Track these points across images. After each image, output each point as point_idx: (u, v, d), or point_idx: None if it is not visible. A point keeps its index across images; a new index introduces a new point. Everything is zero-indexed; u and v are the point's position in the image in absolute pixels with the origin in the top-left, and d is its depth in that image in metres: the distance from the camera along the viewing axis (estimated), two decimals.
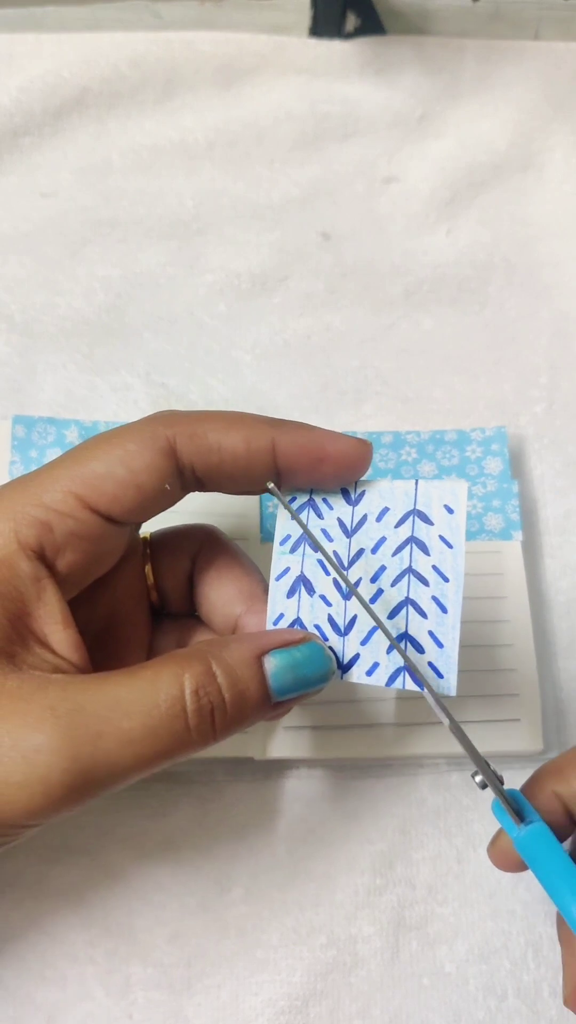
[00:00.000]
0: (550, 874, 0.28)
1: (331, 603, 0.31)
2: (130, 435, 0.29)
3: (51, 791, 0.25)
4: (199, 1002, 0.35)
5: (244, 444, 0.29)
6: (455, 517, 0.30)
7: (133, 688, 0.27)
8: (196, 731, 0.27)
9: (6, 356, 0.47)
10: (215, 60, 0.53)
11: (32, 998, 0.35)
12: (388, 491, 0.31)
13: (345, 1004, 0.35)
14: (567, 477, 0.45)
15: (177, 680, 0.27)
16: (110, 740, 0.26)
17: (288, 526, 0.32)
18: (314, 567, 0.31)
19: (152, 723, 0.26)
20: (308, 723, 0.38)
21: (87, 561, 0.29)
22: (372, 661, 0.30)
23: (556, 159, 0.53)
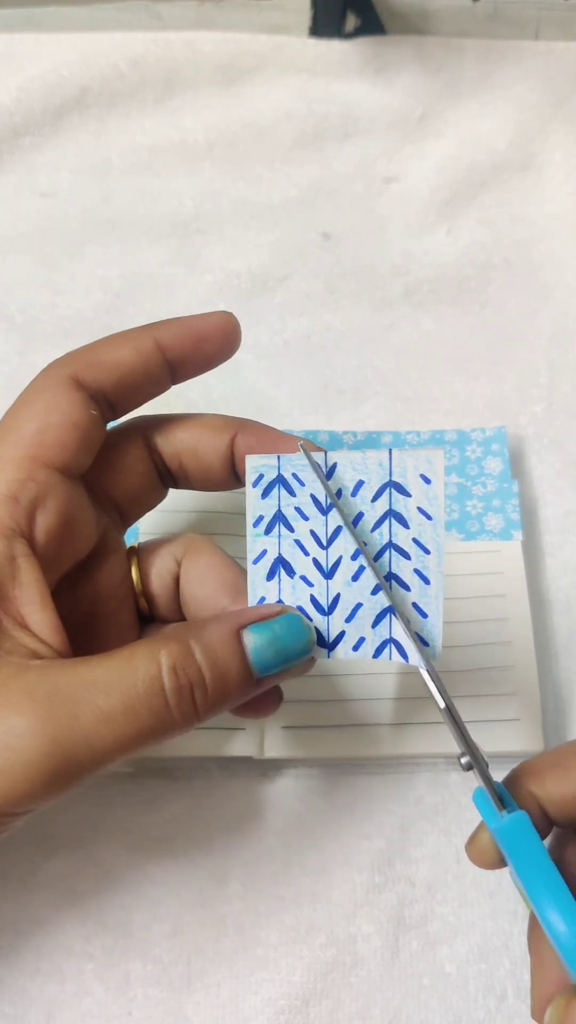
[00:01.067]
0: (527, 866, 0.27)
1: (312, 583, 0.30)
2: (39, 389, 0.30)
3: (32, 775, 0.25)
4: (199, 1000, 0.35)
5: (134, 352, 0.30)
6: (432, 487, 0.30)
7: (110, 668, 0.26)
8: (177, 709, 0.27)
9: (5, 355, 0.47)
10: (215, 60, 0.53)
11: (30, 994, 0.35)
12: (361, 462, 0.30)
13: (345, 1004, 0.35)
14: (567, 477, 0.45)
15: (154, 658, 0.27)
16: (88, 720, 0.25)
17: (259, 506, 0.31)
18: (292, 548, 0.31)
19: (130, 702, 0.26)
20: (306, 723, 0.38)
21: (61, 525, 0.29)
22: (358, 637, 0.30)
23: (556, 159, 0.53)
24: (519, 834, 0.28)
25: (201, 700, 0.27)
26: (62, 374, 0.30)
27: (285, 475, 0.31)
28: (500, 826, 0.28)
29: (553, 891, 0.27)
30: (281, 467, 0.31)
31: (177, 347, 0.31)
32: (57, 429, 0.29)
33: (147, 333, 0.31)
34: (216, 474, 0.32)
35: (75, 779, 0.26)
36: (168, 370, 0.32)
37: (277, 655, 0.28)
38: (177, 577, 0.33)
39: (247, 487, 0.31)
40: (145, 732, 0.26)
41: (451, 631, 0.39)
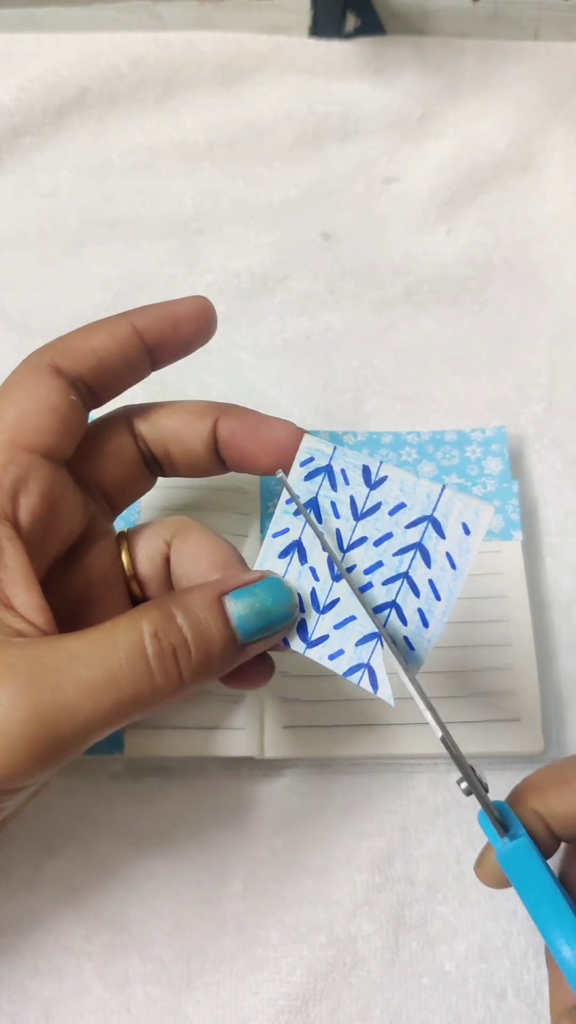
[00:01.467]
0: (531, 893, 0.27)
1: (319, 578, 0.30)
2: (18, 378, 0.30)
3: (14, 746, 0.25)
4: (198, 999, 0.35)
5: (110, 337, 0.31)
6: (470, 539, 0.29)
7: (91, 640, 0.27)
8: (160, 674, 0.27)
9: (5, 355, 0.47)
10: (215, 60, 0.53)
11: (28, 991, 0.35)
12: (411, 487, 0.30)
13: (345, 1004, 0.35)
14: (567, 477, 0.45)
15: (135, 626, 0.27)
16: (69, 689, 0.25)
17: (299, 486, 0.31)
18: (312, 538, 0.31)
19: (112, 669, 0.26)
20: (307, 722, 0.38)
21: (44, 508, 0.29)
22: (339, 647, 0.30)
23: (556, 159, 0.53)
24: (521, 860, 0.27)
25: (185, 664, 0.27)
26: (40, 362, 0.30)
27: (334, 467, 0.31)
28: (502, 853, 0.27)
29: (558, 916, 0.27)
30: (333, 459, 0.31)
31: (154, 331, 0.32)
32: (36, 415, 0.30)
33: (124, 319, 0.32)
34: (200, 459, 0.33)
35: (59, 752, 0.26)
36: (147, 355, 0.32)
37: (260, 618, 0.29)
38: (167, 558, 0.33)
39: (294, 465, 0.31)
40: (128, 700, 0.26)
41: (451, 631, 0.39)
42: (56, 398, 0.30)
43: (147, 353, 0.32)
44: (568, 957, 0.26)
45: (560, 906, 0.27)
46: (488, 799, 0.28)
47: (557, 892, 0.27)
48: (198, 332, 0.33)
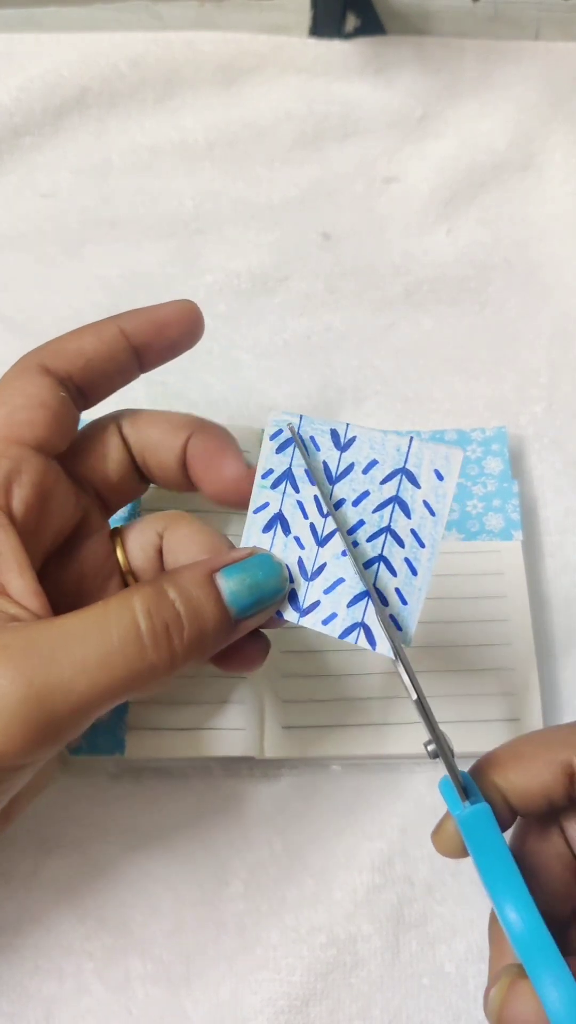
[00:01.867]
0: (485, 858, 0.28)
1: (304, 546, 0.31)
2: (8, 378, 0.31)
3: (10, 725, 0.25)
4: (198, 999, 0.35)
5: (97, 339, 0.32)
6: (444, 484, 0.30)
7: (85, 619, 0.27)
8: (153, 649, 0.27)
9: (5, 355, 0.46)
10: (215, 60, 0.53)
11: (29, 992, 0.35)
12: (380, 443, 0.30)
13: (345, 1004, 0.35)
14: (567, 477, 0.45)
15: (127, 604, 0.27)
16: (64, 667, 0.26)
17: (272, 459, 0.31)
18: (293, 508, 0.31)
19: (106, 646, 0.26)
20: (307, 722, 0.38)
21: (37, 497, 0.30)
22: (331, 611, 0.30)
23: (556, 159, 0.53)
24: (479, 826, 0.28)
25: (178, 640, 0.27)
26: (30, 363, 0.32)
27: (303, 436, 0.31)
28: (462, 817, 0.28)
29: (509, 883, 0.27)
30: (301, 427, 0.31)
31: (140, 334, 0.33)
32: (25, 410, 0.31)
33: (111, 322, 0.33)
34: (172, 473, 0.33)
35: (55, 730, 0.26)
36: (134, 357, 0.33)
37: (251, 592, 0.29)
38: (160, 550, 0.33)
39: (264, 439, 0.31)
40: (123, 677, 0.26)
41: (452, 631, 0.39)
42: (46, 394, 0.31)
43: (134, 355, 0.33)
44: (513, 920, 0.27)
45: (512, 872, 0.28)
46: (454, 763, 0.28)
47: (510, 859, 0.28)
48: (183, 335, 0.33)
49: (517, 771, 0.29)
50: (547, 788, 0.29)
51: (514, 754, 0.30)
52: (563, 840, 0.31)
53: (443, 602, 0.40)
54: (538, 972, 0.27)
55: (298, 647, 0.39)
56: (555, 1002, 0.26)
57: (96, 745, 0.37)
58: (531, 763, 0.29)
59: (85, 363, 0.32)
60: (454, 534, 0.42)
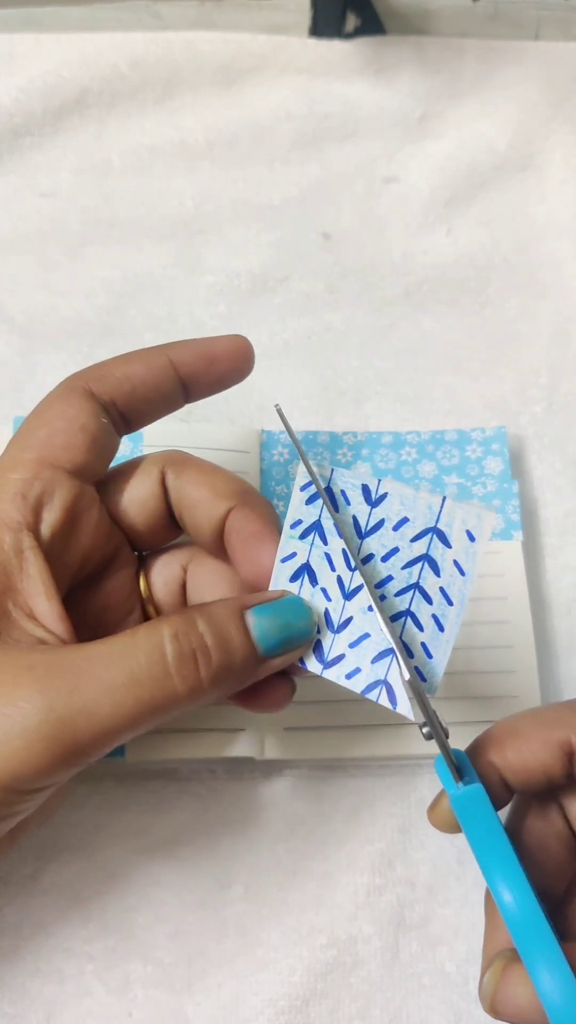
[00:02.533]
0: (480, 838, 0.28)
1: (331, 599, 0.30)
2: (52, 399, 0.31)
3: (32, 746, 0.25)
4: (199, 1001, 0.35)
5: (145, 367, 0.32)
6: (475, 544, 0.29)
7: (112, 644, 0.27)
8: (179, 676, 0.27)
9: (6, 356, 0.47)
10: (215, 60, 0.53)
11: (30, 994, 0.35)
12: (411, 500, 0.30)
13: (345, 1004, 0.35)
14: (567, 477, 0.45)
15: (156, 630, 0.27)
16: (88, 690, 0.26)
17: (302, 510, 0.31)
18: (320, 559, 0.31)
19: (131, 670, 0.26)
20: (308, 724, 0.38)
21: (66, 521, 0.30)
22: (355, 666, 0.30)
23: (556, 159, 0.53)
24: (473, 806, 0.28)
25: (205, 669, 0.27)
26: (75, 385, 0.31)
27: (334, 489, 0.31)
28: (456, 797, 0.28)
29: (503, 863, 0.27)
30: (332, 481, 0.31)
31: (189, 365, 0.32)
32: (64, 433, 0.30)
33: (161, 351, 0.32)
34: (207, 539, 0.32)
35: (77, 752, 0.26)
36: (180, 387, 0.32)
37: (281, 632, 0.29)
38: (183, 584, 0.33)
39: (294, 490, 0.31)
40: (147, 702, 0.26)
41: None
42: (87, 418, 0.31)
43: (181, 386, 0.32)
44: (508, 901, 0.27)
45: (506, 853, 0.28)
46: (447, 744, 0.29)
47: (504, 839, 0.28)
48: (232, 370, 0.33)
49: (514, 749, 0.30)
50: (545, 766, 0.29)
51: (511, 732, 0.30)
52: (561, 818, 0.31)
53: None
54: (532, 957, 0.27)
55: None
56: (549, 988, 0.26)
57: None
58: (528, 741, 0.30)
59: (131, 390, 0.32)
60: None
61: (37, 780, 0.26)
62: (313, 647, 0.31)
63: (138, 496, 0.32)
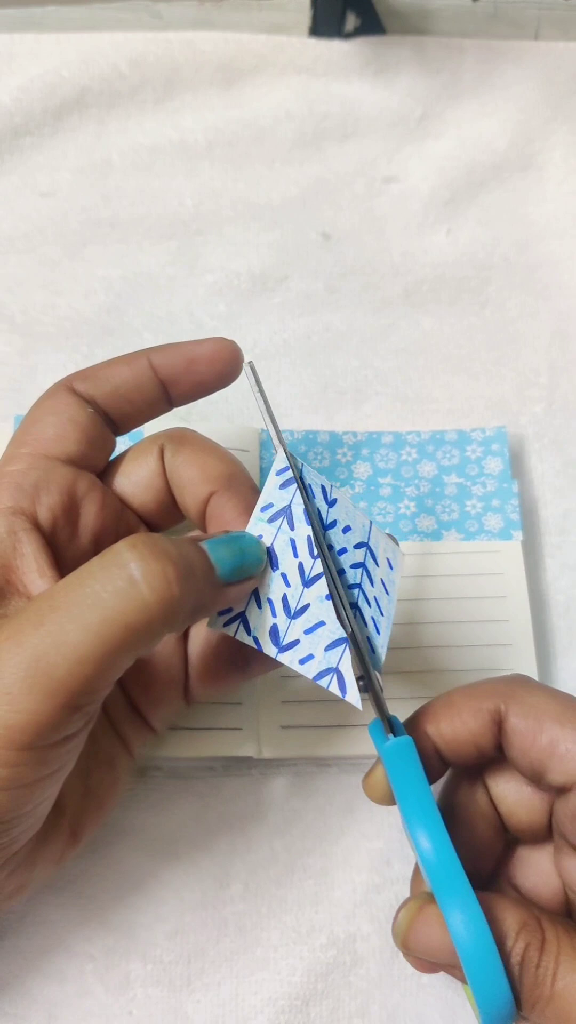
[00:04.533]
0: (405, 788, 0.29)
1: (290, 584, 0.31)
2: (41, 399, 0.33)
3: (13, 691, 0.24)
4: (199, 1000, 0.35)
5: (127, 367, 0.33)
6: (393, 574, 0.32)
7: (71, 576, 0.26)
8: (146, 582, 0.25)
9: (6, 356, 0.47)
10: (215, 60, 0.53)
11: (30, 993, 0.35)
12: (352, 513, 0.32)
13: (345, 1002, 0.35)
14: (567, 477, 0.45)
15: (114, 551, 0.26)
16: (53, 621, 0.25)
17: (274, 494, 0.31)
18: (284, 544, 0.31)
19: (92, 588, 0.25)
20: (306, 722, 0.38)
21: (65, 505, 0.31)
22: (308, 652, 0.30)
23: (556, 159, 0.53)
24: (401, 756, 0.29)
25: (173, 575, 0.26)
26: (59, 385, 0.33)
27: (307, 481, 0.32)
28: (385, 748, 0.29)
29: (424, 812, 0.28)
30: (304, 474, 0.32)
31: (168, 367, 0.33)
32: (55, 426, 0.32)
33: (143, 354, 0.33)
34: (192, 517, 0.33)
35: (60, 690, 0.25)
36: (162, 389, 0.33)
37: (234, 557, 0.29)
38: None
39: (271, 473, 0.32)
40: (117, 619, 0.25)
41: (452, 632, 0.40)
42: (74, 411, 0.32)
43: (162, 388, 0.33)
44: (425, 847, 0.28)
45: (428, 802, 0.28)
46: (383, 699, 0.30)
47: (427, 791, 0.29)
48: (213, 373, 0.33)
49: (447, 720, 0.31)
50: (475, 736, 0.30)
51: (445, 704, 0.31)
52: (487, 797, 0.32)
53: (443, 603, 0.40)
54: (446, 898, 0.27)
55: None
56: (460, 928, 0.27)
57: None
58: (460, 712, 0.31)
59: (112, 389, 0.33)
60: (453, 534, 0.42)
61: (35, 733, 0.25)
62: (269, 630, 0.31)
63: (141, 477, 0.33)
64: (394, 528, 0.42)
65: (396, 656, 0.39)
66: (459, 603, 0.40)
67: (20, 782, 0.26)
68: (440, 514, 0.42)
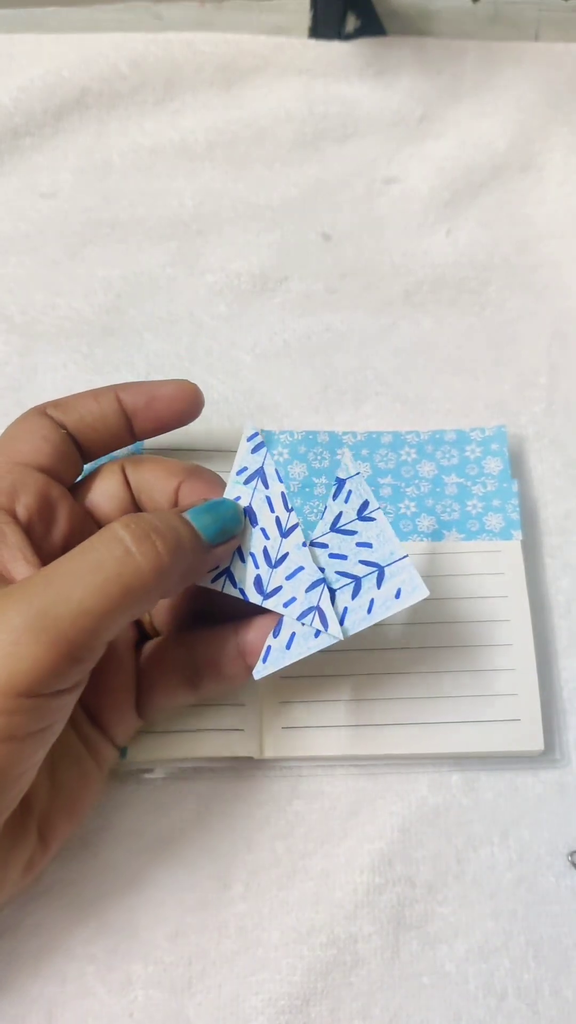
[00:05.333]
0: None
1: (269, 537, 0.34)
2: (16, 421, 0.36)
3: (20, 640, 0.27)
4: (200, 1001, 0.35)
5: (93, 398, 0.36)
6: (396, 602, 0.33)
7: (74, 549, 0.30)
8: (139, 552, 0.30)
9: (6, 356, 0.47)
10: (215, 61, 0.54)
11: (31, 995, 0.35)
12: (384, 538, 0.34)
13: (345, 1003, 0.35)
14: (567, 477, 0.45)
15: (109, 528, 0.30)
16: (60, 581, 0.29)
17: (247, 458, 0.35)
18: (261, 502, 0.35)
19: (96, 559, 0.29)
20: (306, 723, 0.38)
21: (40, 506, 0.34)
22: (291, 595, 0.34)
23: (556, 159, 0.53)
24: None
25: (162, 544, 0.30)
26: (35, 410, 0.36)
27: (348, 485, 0.35)
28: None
29: None
30: (351, 480, 0.35)
31: (131, 401, 0.36)
32: (28, 442, 0.35)
33: (111, 388, 0.37)
34: (111, 421, 0.36)
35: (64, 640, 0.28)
36: (126, 422, 0.37)
37: (216, 522, 0.33)
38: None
39: (241, 440, 0.35)
40: (115, 579, 0.29)
41: (452, 631, 0.40)
42: (47, 431, 0.35)
43: (126, 421, 0.37)
44: None
45: None
46: None
47: None
48: (172, 412, 0.37)
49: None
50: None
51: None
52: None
53: (442, 602, 0.40)
54: None
55: None
56: None
57: None
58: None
59: (79, 417, 0.36)
60: (454, 534, 0.42)
61: (36, 679, 0.27)
62: (254, 581, 0.34)
63: (105, 489, 0.36)
64: (394, 528, 0.42)
65: (396, 656, 0.39)
66: (459, 603, 0.40)
67: (15, 732, 0.28)
68: (441, 514, 0.42)
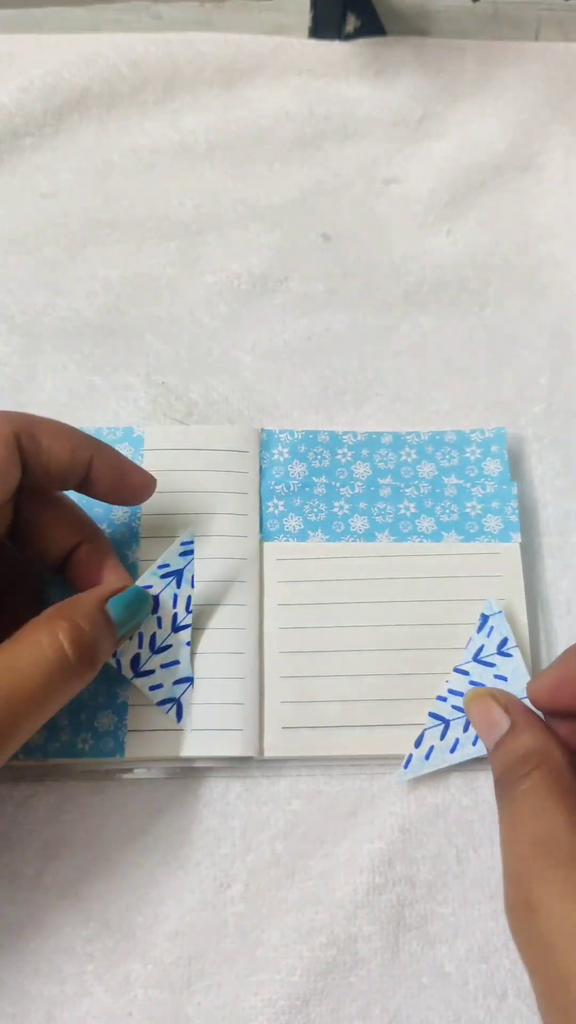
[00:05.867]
0: None
1: (161, 626, 0.38)
2: None
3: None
4: (199, 1001, 0.35)
5: (70, 452, 0.35)
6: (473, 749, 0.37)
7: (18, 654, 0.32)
8: (79, 664, 0.33)
9: (6, 356, 0.47)
10: (215, 61, 0.53)
11: (30, 994, 0.35)
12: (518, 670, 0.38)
13: (345, 1004, 0.35)
14: (567, 477, 0.45)
15: (54, 639, 0.33)
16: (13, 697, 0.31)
17: (174, 559, 0.38)
18: (168, 596, 0.38)
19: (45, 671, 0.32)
20: (306, 723, 0.38)
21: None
22: (159, 682, 0.38)
23: (556, 159, 0.53)
24: None
25: (94, 655, 0.34)
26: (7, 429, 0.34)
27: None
28: None
29: None
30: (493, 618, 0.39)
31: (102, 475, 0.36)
32: None
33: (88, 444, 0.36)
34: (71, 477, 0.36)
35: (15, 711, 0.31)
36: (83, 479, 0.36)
37: (130, 617, 0.36)
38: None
39: (176, 542, 0.38)
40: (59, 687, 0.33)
41: (451, 633, 0.40)
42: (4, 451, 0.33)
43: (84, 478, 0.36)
44: None
45: None
46: None
47: None
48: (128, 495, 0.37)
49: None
50: None
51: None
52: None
53: (441, 604, 0.40)
54: None
55: (296, 648, 0.39)
56: None
57: (97, 748, 0.37)
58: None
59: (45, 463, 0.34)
60: (453, 535, 0.42)
61: None
62: (132, 657, 0.37)
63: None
64: (394, 529, 0.42)
65: (396, 657, 0.39)
66: (457, 605, 0.40)
67: None
68: (440, 515, 0.42)
